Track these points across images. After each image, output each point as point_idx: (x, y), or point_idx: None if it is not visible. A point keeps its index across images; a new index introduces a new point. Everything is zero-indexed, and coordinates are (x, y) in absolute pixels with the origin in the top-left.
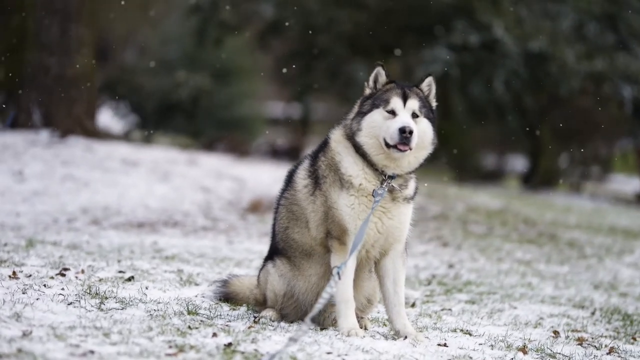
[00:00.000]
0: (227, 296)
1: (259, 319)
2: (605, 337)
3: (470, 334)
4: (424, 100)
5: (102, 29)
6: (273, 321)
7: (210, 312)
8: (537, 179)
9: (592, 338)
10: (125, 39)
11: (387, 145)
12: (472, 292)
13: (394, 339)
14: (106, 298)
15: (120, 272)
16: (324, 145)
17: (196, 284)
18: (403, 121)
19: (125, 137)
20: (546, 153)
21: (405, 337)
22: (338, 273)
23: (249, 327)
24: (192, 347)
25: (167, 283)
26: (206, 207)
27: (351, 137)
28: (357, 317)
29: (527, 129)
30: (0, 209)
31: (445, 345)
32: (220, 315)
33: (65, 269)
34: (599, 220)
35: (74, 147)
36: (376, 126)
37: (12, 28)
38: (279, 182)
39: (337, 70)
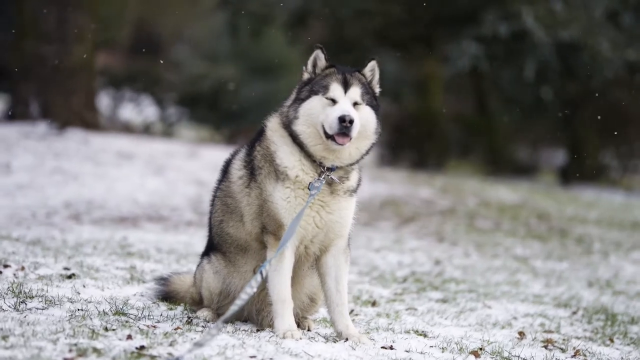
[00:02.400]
0: (168, 295)
1: (191, 320)
2: (579, 338)
3: (425, 336)
4: (367, 87)
5: (152, 23)
6: (208, 322)
7: (141, 312)
8: (576, 173)
9: (564, 340)
10: (174, 34)
11: (327, 135)
12: (448, 291)
13: (335, 341)
14: (31, 297)
15: (65, 269)
16: (260, 134)
17: (143, 282)
18: (343, 109)
19: (146, 130)
20: (584, 146)
21: (347, 340)
22: (261, 272)
23: (175, 329)
24: (95, 350)
25: (110, 281)
26: (197, 201)
27: (287, 126)
28: (299, 317)
29: (563, 121)
30: None
31: (391, 347)
32: (151, 315)
33: (6, 266)
34: (623, 215)
35: (69, 140)
36: (314, 114)
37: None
38: None
39: (366, 63)
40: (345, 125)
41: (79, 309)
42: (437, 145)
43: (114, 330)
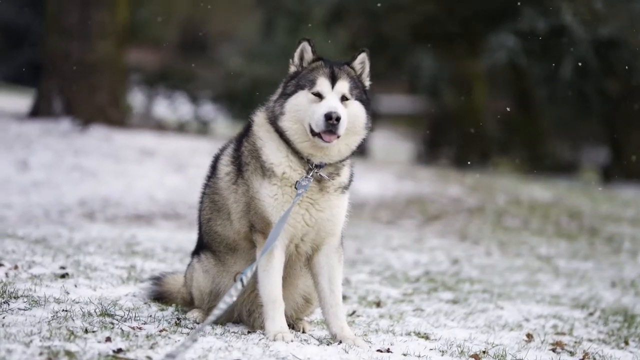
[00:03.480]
0: (161, 295)
1: (180, 321)
2: (592, 340)
3: (427, 338)
4: (356, 80)
5: (200, 22)
6: (197, 323)
7: (129, 313)
8: (617, 171)
9: (575, 342)
10: (221, 32)
11: (313, 132)
12: (460, 291)
13: (329, 344)
14: (16, 297)
15: (61, 267)
16: (248, 129)
17: (140, 282)
18: (329, 106)
19: (180, 127)
20: (626, 144)
21: (340, 342)
22: (242, 279)
23: (160, 331)
24: (68, 353)
25: (105, 280)
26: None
27: (274, 122)
28: (293, 318)
29: (604, 119)
30: None
31: (388, 350)
32: (137, 317)
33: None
34: None
35: (90, 137)
36: (301, 110)
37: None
38: None
39: (401, 60)
40: (331, 122)
41: (63, 310)
42: (478, 143)
43: (94, 332)
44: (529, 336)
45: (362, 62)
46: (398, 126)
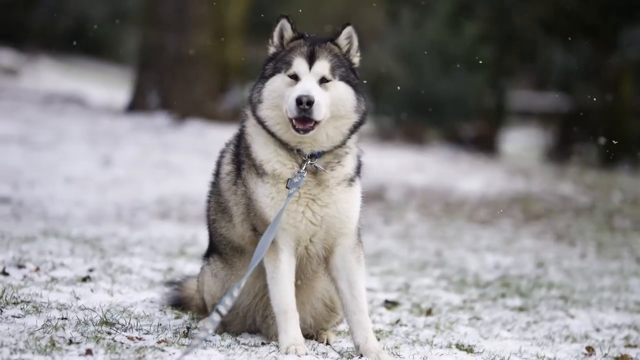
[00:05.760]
0: (180, 301)
1: (188, 332)
2: None
3: (469, 351)
4: (341, 58)
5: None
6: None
7: (136, 321)
8: None
9: None
10: (370, 31)
11: (291, 121)
12: (533, 297)
13: (350, 357)
14: (16, 303)
15: (89, 270)
16: (243, 123)
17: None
18: (302, 89)
19: None
20: None
21: (361, 356)
22: (218, 310)
23: (159, 342)
24: None
25: (130, 284)
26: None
27: (254, 112)
28: (315, 328)
29: None
30: (67, 196)
31: None
32: (143, 325)
33: (20, 266)
34: None
35: (183, 132)
36: (278, 96)
37: None
38: (406, 169)
39: (532, 55)
40: (302, 107)
41: (61, 318)
42: (619, 141)
43: (77, 343)
44: (590, 349)
45: (348, 37)
46: (528, 123)
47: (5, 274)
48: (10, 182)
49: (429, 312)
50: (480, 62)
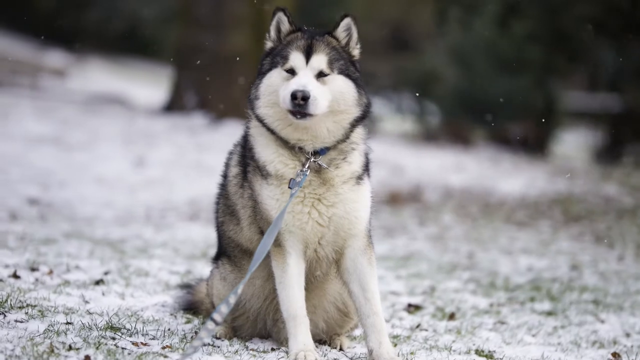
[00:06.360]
0: (192, 304)
1: (195, 337)
2: None
3: (490, 357)
4: (340, 51)
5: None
6: (218, 338)
7: (143, 326)
8: None
9: None
10: (425, 32)
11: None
12: (563, 301)
13: None
14: (21, 307)
15: (104, 273)
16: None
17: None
18: (298, 83)
19: None
20: None
21: None
22: (212, 318)
23: (163, 348)
24: None
25: (144, 288)
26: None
27: (253, 110)
28: (328, 333)
29: None
30: (96, 197)
31: None
32: (149, 330)
33: (34, 269)
34: None
35: (219, 132)
36: (275, 91)
37: None
38: (447, 169)
39: (582, 55)
40: (297, 102)
41: (66, 322)
42: None
43: (77, 349)
44: (616, 355)
45: (347, 29)
46: (581, 123)
47: (16, 277)
48: (40, 183)
49: (451, 317)
50: (529, 62)
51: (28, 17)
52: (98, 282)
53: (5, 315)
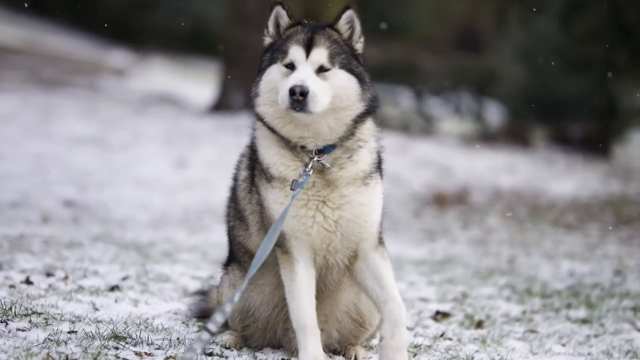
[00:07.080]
0: (205, 312)
1: (205, 348)
2: None
3: None
4: (342, 45)
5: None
6: (228, 347)
7: (150, 334)
8: None
9: None
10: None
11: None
12: (600, 308)
13: None
14: (27, 315)
15: (123, 279)
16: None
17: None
18: (296, 78)
19: (405, 127)
20: None
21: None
22: (206, 328)
23: (166, 358)
24: None
25: (162, 294)
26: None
27: (253, 109)
28: (341, 343)
29: None
30: (133, 199)
31: None
32: (157, 339)
33: (49, 274)
34: None
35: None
36: (274, 88)
37: None
38: (497, 170)
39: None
40: (295, 99)
41: (69, 331)
42: None
43: None
44: None
45: (349, 21)
46: None
47: (29, 282)
48: (78, 184)
49: (479, 325)
50: (592, 60)
51: (93, 17)
52: (113, 289)
53: (7, 324)
